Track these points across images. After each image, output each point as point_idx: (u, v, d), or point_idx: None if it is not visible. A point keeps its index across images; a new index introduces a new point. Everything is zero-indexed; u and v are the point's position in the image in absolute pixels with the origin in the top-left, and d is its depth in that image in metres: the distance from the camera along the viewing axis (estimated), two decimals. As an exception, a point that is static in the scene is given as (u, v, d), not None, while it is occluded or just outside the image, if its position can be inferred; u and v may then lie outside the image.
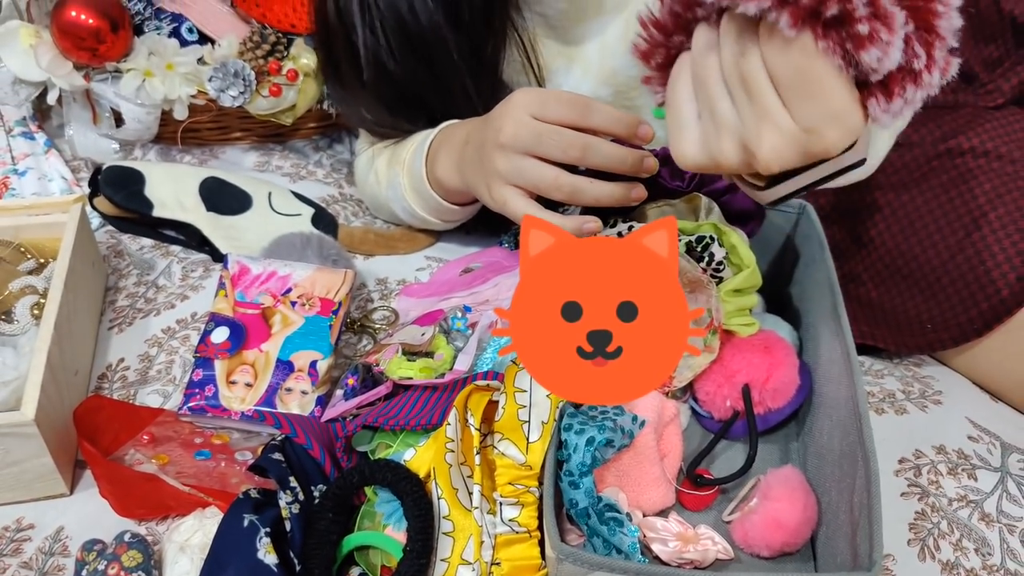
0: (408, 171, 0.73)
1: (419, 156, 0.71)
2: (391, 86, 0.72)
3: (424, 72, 0.71)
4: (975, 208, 0.69)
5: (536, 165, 0.57)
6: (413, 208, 0.74)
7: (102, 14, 0.80)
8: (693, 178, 0.58)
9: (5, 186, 0.83)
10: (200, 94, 0.83)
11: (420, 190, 0.72)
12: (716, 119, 0.41)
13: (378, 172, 0.78)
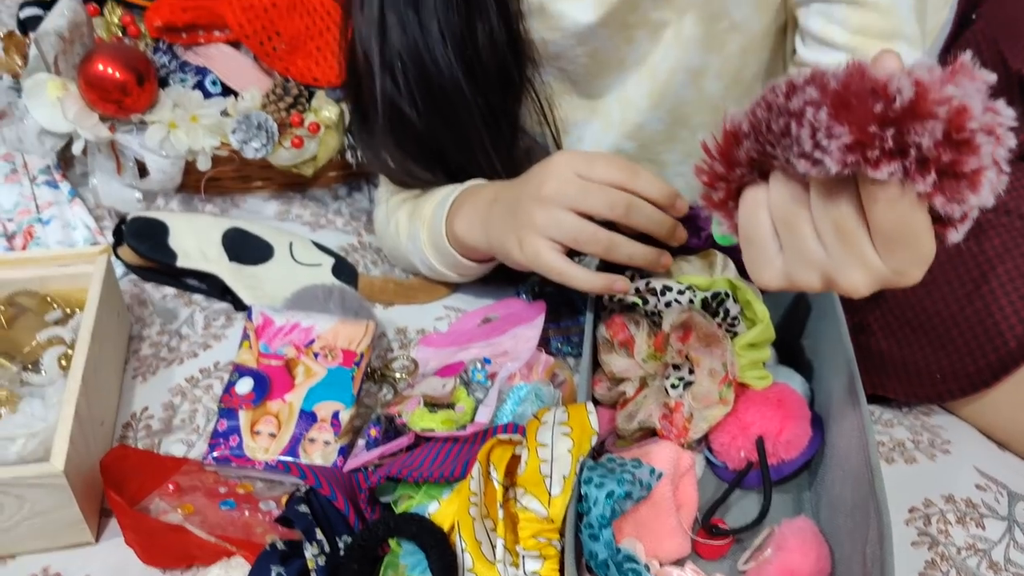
0: (428, 226, 0.75)
1: (440, 212, 0.73)
2: (411, 134, 0.74)
3: (442, 122, 0.73)
4: (984, 262, 0.71)
5: (577, 218, 0.60)
6: (431, 262, 0.76)
7: (129, 67, 0.82)
8: (709, 236, 0.59)
9: (30, 235, 0.85)
10: (223, 145, 0.85)
11: (439, 245, 0.74)
12: (804, 258, 0.42)
13: (399, 224, 0.79)
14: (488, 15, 0.69)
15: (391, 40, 0.70)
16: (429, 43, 0.69)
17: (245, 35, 0.85)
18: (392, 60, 0.71)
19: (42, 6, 0.97)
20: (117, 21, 0.89)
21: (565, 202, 0.60)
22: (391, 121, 0.74)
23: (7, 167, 0.94)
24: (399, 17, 0.69)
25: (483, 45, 0.70)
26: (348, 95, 0.80)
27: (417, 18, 0.69)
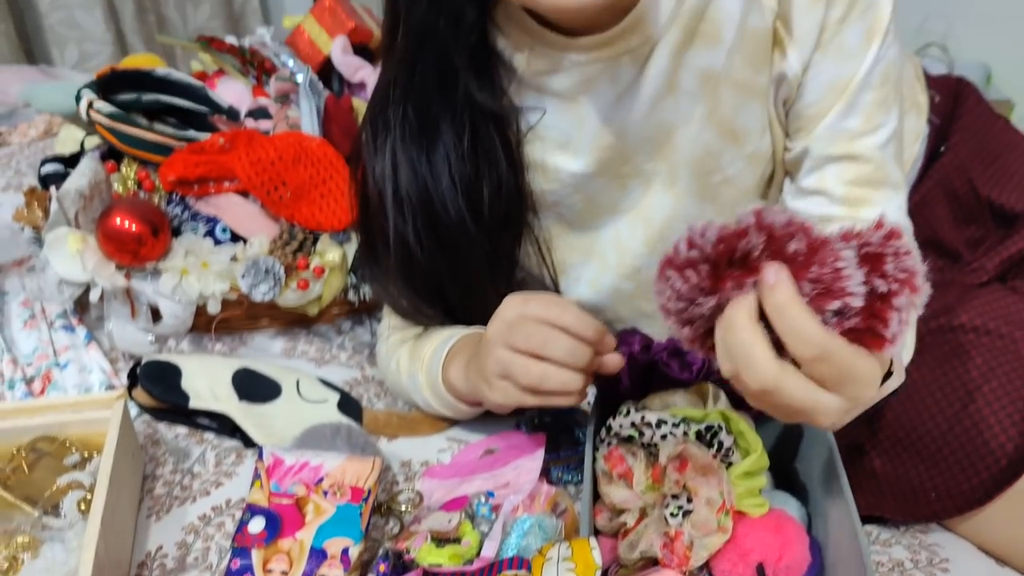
0: (426, 370, 0.78)
1: (437, 359, 0.77)
2: (417, 271, 0.78)
3: (447, 260, 0.77)
4: (969, 381, 0.73)
5: (510, 353, 0.64)
6: (430, 402, 0.80)
7: (144, 220, 0.87)
8: (700, 370, 0.62)
9: (48, 379, 0.88)
10: (233, 289, 0.89)
11: (436, 389, 0.78)
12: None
13: (399, 362, 0.83)
14: (497, 166, 0.74)
15: (402, 182, 0.75)
16: (439, 188, 0.74)
17: (253, 186, 0.90)
18: (403, 201, 0.75)
19: (62, 162, 1.03)
20: (133, 176, 0.95)
21: (500, 340, 0.65)
22: (400, 258, 0.78)
23: (26, 313, 0.98)
24: (411, 163, 0.74)
25: (490, 193, 0.74)
26: (359, 233, 0.85)
27: (429, 165, 0.74)
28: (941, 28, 2.12)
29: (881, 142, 0.70)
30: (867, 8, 0.66)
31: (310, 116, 0.97)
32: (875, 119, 0.69)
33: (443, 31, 0.70)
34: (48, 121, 1.38)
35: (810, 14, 0.66)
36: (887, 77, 0.68)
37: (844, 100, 0.69)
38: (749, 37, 0.68)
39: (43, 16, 2.02)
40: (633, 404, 0.64)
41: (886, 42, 0.67)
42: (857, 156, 0.70)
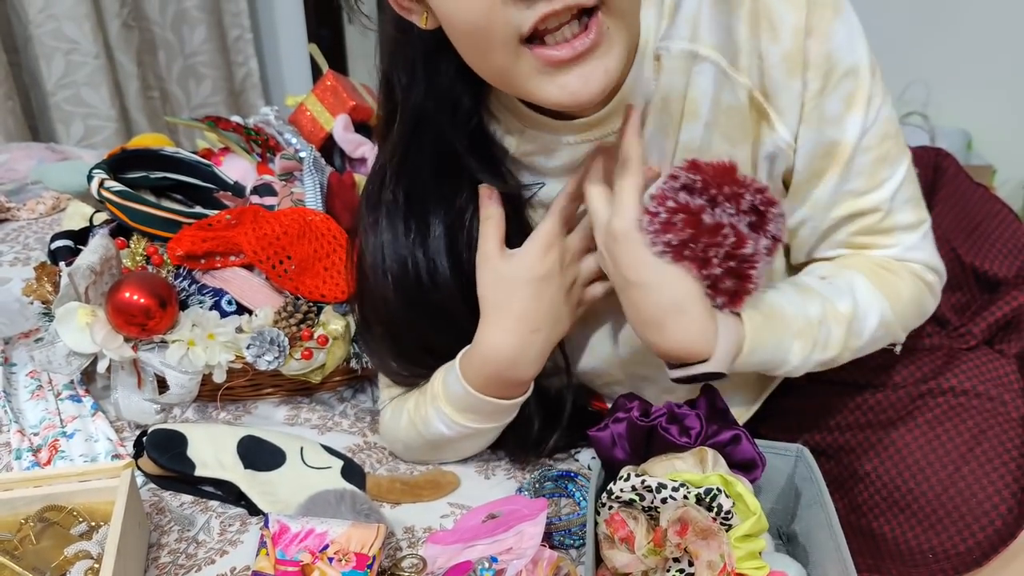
0: (447, 400, 0.80)
1: (452, 379, 0.79)
2: (408, 339, 0.81)
3: (434, 326, 0.80)
4: (961, 444, 0.75)
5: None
6: (467, 425, 0.81)
7: (152, 294, 0.89)
8: (699, 435, 0.64)
9: (55, 449, 0.89)
10: (238, 359, 0.91)
11: (470, 406, 0.79)
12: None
13: (408, 412, 0.84)
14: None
15: (389, 260, 0.78)
16: (435, 265, 0.77)
17: (259, 260, 0.93)
18: (394, 277, 0.78)
19: (71, 237, 1.06)
20: (142, 251, 0.98)
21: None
22: (390, 327, 0.81)
23: (33, 384, 0.99)
24: (404, 241, 0.77)
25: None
26: (354, 306, 0.87)
27: (423, 244, 0.77)
28: (922, 96, 2.18)
29: (888, 195, 0.73)
30: (844, 77, 0.68)
31: (314, 192, 1.00)
32: (878, 176, 0.73)
33: (440, 117, 0.73)
34: (56, 197, 1.41)
35: (789, 89, 0.69)
36: (885, 135, 0.71)
37: (838, 167, 0.72)
38: (723, 113, 0.71)
39: (50, 94, 2.08)
40: (633, 469, 0.65)
41: (873, 104, 0.70)
42: (863, 211, 0.74)
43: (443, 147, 0.74)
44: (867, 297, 0.73)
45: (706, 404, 0.68)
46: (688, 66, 0.70)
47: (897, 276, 0.75)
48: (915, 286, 0.76)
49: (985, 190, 0.98)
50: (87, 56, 2.05)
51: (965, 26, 2.15)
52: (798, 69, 0.68)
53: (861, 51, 0.69)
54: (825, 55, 0.67)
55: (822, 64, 0.68)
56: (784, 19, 0.66)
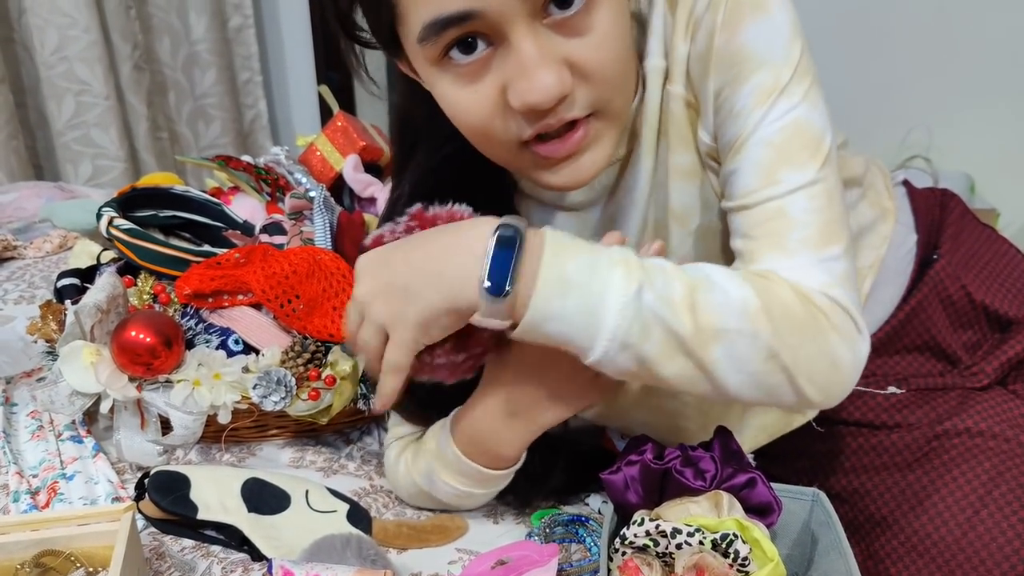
0: (437, 458, 0.79)
1: (444, 440, 0.78)
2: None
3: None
4: (979, 486, 0.73)
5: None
6: (457, 487, 0.79)
7: (158, 333, 0.89)
8: (714, 478, 0.63)
9: (54, 491, 0.88)
10: (244, 399, 0.90)
11: (459, 469, 0.77)
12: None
13: (407, 462, 0.83)
14: None
15: None
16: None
17: (267, 299, 0.92)
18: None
19: (78, 276, 1.06)
20: (149, 290, 0.97)
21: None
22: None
23: (34, 425, 0.98)
24: None
25: None
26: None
27: None
28: (924, 140, 2.20)
29: (781, 192, 0.64)
30: (753, 71, 0.65)
31: (323, 231, 1.00)
32: (775, 174, 0.65)
33: (456, 145, 0.73)
34: (63, 236, 1.41)
35: (704, 88, 0.69)
36: (794, 135, 0.65)
37: (736, 154, 0.67)
38: (671, 122, 0.72)
39: (59, 134, 2.10)
40: (647, 513, 0.64)
41: (785, 101, 0.65)
42: (751, 206, 0.66)
43: (461, 184, 0.74)
44: (723, 275, 0.61)
45: (720, 446, 0.66)
46: (661, 81, 0.71)
47: (770, 281, 0.62)
48: (799, 302, 0.61)
49: (992, 230, 0.98)
50: (98, 97, 2.07)
51: (966, 71, 2.17)
52: (711, 66, 0.67)
53: (779, 50, 0.65)
54: (733, 49, 0.65)
55: (729, 58, 0.66)
56: (703, 18, 0.67)
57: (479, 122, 0.64)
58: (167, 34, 2.31)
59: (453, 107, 0.65)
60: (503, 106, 0.62)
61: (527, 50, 0.59)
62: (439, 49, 0.61)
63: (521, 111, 0.61)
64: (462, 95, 0.63)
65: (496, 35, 0.60)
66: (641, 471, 0.66)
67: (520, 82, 0.60)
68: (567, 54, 0.60)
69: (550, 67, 0.59)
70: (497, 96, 0.62)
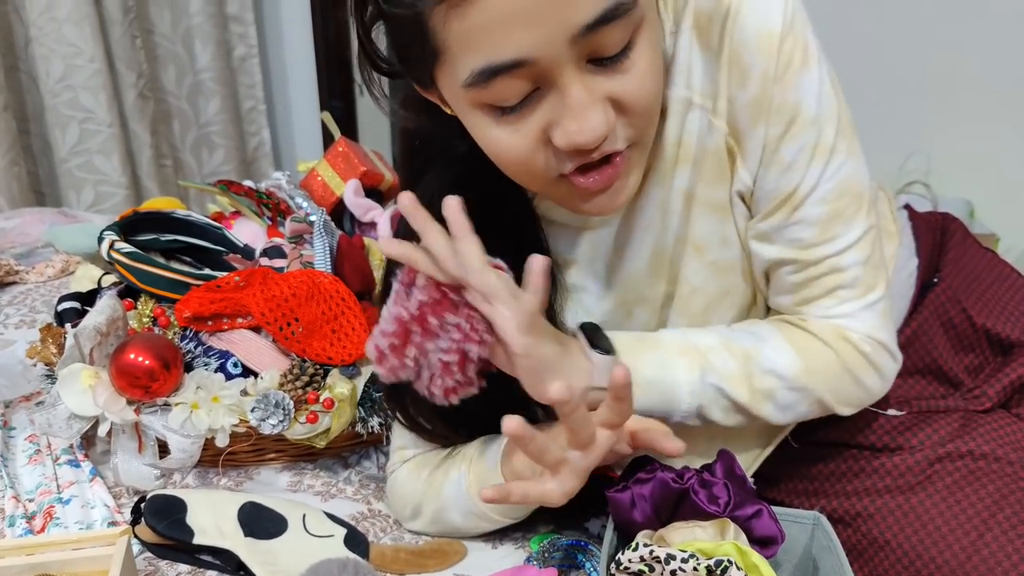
0: (475, 467, 0.77)
1: (492, 451, 0.77)
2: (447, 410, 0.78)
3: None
4: (983, 509, 0.73)
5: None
6: (476, 505, 0.78)
7: (157, 356, 0.89)
8: (727, 503, 0.62)
9: (50, 516, 0.87)
10: (242, 423, 0.89)
11: (488, 484, 0.75)
12: None
13: (432, 477, 0.82)
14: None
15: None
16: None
17: (266, 322, 0.92)
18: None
19: (79, 299, 1.06)
20: (149, 313, 0.97)
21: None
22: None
23: (31, 448, 0.98)
24: None
25: None
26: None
27: None
28: (923, 166, 2.20)
29: (836, 250, 0.72)
30: (807, 126, 0.69)
31: (323, 254, 1.00)
32: (830, 231, 0.71)
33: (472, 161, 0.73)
34: (65, 261, 1.41)
35: (754, 132, 0.70)
36: (844, 192, 0.71)
37: (789, 207, 0.71)
38: (706, 154, 0.72)
39: (62, 161, 2.11)
40: (648, 535, 0.63)
41: (835, 159, 0.70)
42: (808, 262, 0.72)
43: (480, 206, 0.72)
44: (769, 341, 0.74)
45: (723, 469, 0.66)
46: (683, 111, 0.71)
47: (811, 338, 0.74)
48: (841, 351, 0.73)
49: (993, 254, 0.98)
50: (101, 125, 2.09)
51: (965, 96, 2.18)
52: (763, 115, 0.69)
53: (828, 104, 0.69)
54: (789, 103, 0.68)
55: (786, 111, 0.68)
56: (754, 65, 0.67)
57: (520, 159, 0.64)
58: (172, 63, 2.33)
59: (494, 145, 0.64)
60: (545, 143, 0.63)
61: (576, 94, 0.59)
62: (485, 95, 0.60)
63: (566, 150, 0.62)
64: (504, 135, 0.63)
65: (544, 80, 0.60)
66: (657, 489, 0.65)
67: (569, 123, 0.60)
68: (610, 91, 0.61)
69: (597, 108, 0.60)
70: (539, 135, 0.62)
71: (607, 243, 0.79)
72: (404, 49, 0.65)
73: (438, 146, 0.76)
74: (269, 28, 2.59)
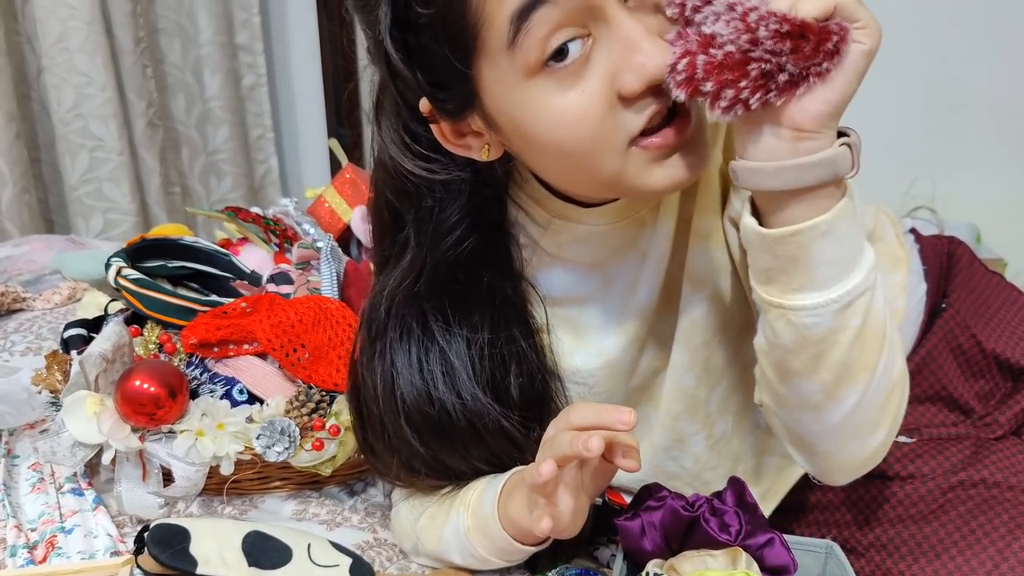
0: (473, 512, 0.75)
1: (489, 497, 0.74)
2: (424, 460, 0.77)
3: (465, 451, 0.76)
4: (998, 539, 0.71)
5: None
6: (475, 549, 0.75)
7: (163, 382, 0.88)
8: (738, 532, 0.61)
9: (52, 545, 0.86)
10: (247, 450, 0.89)
11: (487, 530, 0.74)
12: None
13: (434, 515, 0.80)
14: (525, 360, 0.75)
15: (404, 387, 0.73)
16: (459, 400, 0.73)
17: (272, 348, 0.92)
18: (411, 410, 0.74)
19: (85, 326, 1.06)
20: (155, 339, 0.97)
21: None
22: (404, 455, 0.77)
23: (35, 477, 0.97)
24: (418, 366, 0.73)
25: (519, 384, 0.75)
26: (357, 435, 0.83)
27: (445, 368, 0.73)
28: (928, 191, 2.20)
29: None
30: None
31: (330, 280, 1.00)
32: None
33: (462, 230, 0.71)
34: (72, 288, 1.41)
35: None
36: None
37: None
38: (703, 183, 0.71)
39: (72, 189, 2.12)
40: (656, 566, 0.62)
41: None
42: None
43: (465, 267, 0.72)
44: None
45: (733, 496, 0.65)
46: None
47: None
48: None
49: (1000, 278, 0.98)
50: (111, 153, 2.10)
51: (969, 120, 2.19)
52: None
53: None
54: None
55: None
56: None
57: (592, 124, 0.58)
58: (182, 92, 2.35)
59: (561, 119, 0.58)
60: (613, 101, 0.58)
61: (630, 27, 0.56)
62: (535, 49, 0.56)
63: (640, 91, 0.57)
64: (568, 99, 0.58)
65: (591, 22, 0.56)
66: (668, 517, 0.64)
67: (634, 58, 0.56)
68: (660, 31, 0.57)
69: (655, 39, 0.56)
70: (606, 90, 0.57)
71: (623, 285, 0.76)
72: (443, 43, 0.59)
73: (427, 215, 0.71)
74: (278, 57, 2.62)
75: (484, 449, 0.75)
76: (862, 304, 0.59)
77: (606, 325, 0.78)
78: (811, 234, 0.57)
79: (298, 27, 2.60)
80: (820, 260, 0.58)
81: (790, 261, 0.58)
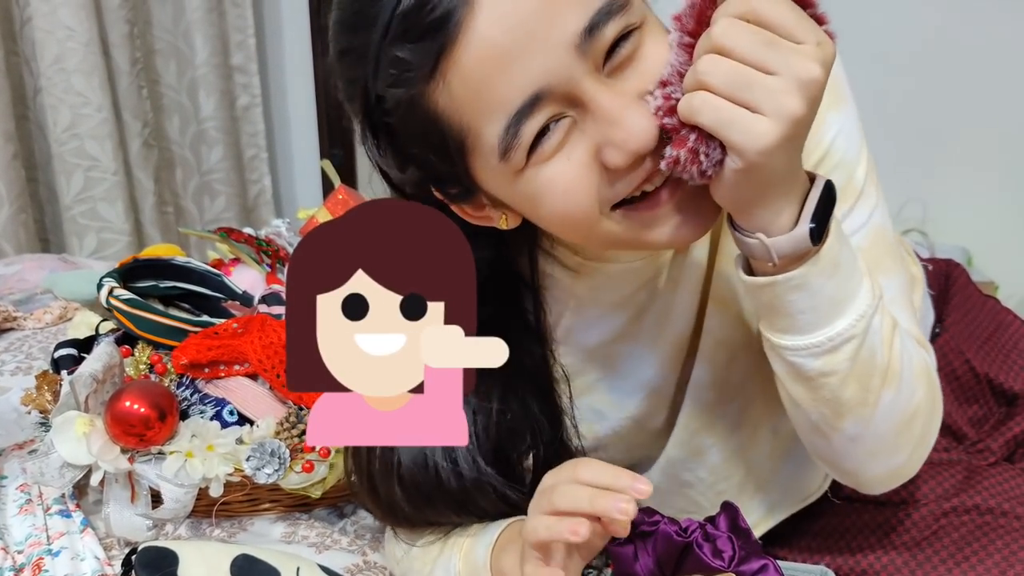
0: (465, 558, 0.72)
1: (483, 546, 0.70)
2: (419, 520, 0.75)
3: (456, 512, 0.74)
4: (992, 566, 0.71)
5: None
6: None
7: (153, 404, 0.88)
8: (732, 558, 0.61)
9: (39, 568, 0.85)
10: (236, 472, 0.88)
11: (472, 569, 0.71)
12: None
13: (426, 549, 0.77)
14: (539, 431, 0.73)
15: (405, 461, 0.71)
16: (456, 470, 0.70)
17: (263, 369, 0.92)
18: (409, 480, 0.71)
19: (76, 346, 1.06)
20: (146, 360, 0.97)
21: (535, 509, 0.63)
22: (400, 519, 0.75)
23: (22, 498, 0.96)
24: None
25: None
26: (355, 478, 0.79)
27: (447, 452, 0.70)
28: (919, 214, 2.21)
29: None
30: (835, 168, 0.66)
31: (322, 300, 1.00)
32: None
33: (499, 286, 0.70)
34: (63, 307, 1.41)
35: None
36: (878, 240, 0.68)
37: None
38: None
39: (67, 208, 2.12)
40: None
41: (865, 204, 0.67)
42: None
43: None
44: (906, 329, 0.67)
45: (727, 521, 0.64)
46: None
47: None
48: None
49: (995, 301, 0.98)
50: (106, 173, 2.11)
51: (960, 143, 2.20)
52: None
53: (855, 146, 0.67)
54: (815, 140, 0.65)
55: (812, 149, 0.65)
56: None
57: (583, 190, 0.57)
58: (177, 113, 2.36)
59: (551, 188, 0.58)
60: (601, 171, 0.57)
61: (606, 101, 0.55)
62: (524, 151, 0.56)
63: (626, 165, 0.56)
64: (560, 170, 0.57)
65: (570, 105, 0.56)
66: (660, 543, 0.63)
67: (616, 133, 0.55)
68: (638, 90, 0.56)
69: (633, 107, 0.55)
70: (592, 160, 0.57)
71: (655, 308, 0.74)
72: (435, 162, 0.60)
73: None
74: (272, 78, 2.63)
75: (478, 511, 0.73)
76: (849, 349, 0.59)
77: (648, 355, 0.76)
78: (784, 287, 0.58)
79: (292, 49, 2.62)
80: (796, 309, 0.59)
81: (769, 307, 0.60)
